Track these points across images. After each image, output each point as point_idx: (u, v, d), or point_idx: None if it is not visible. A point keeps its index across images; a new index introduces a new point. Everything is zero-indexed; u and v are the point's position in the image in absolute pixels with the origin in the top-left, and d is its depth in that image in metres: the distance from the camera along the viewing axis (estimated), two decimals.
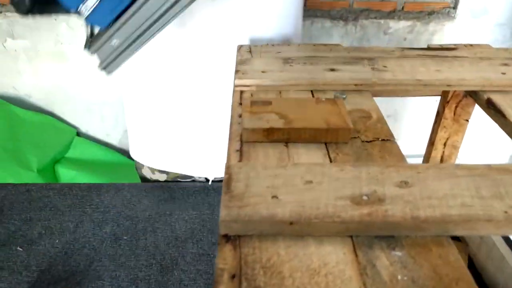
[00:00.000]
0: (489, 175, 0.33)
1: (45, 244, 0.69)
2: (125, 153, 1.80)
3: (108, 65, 0.54)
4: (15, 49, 1.55)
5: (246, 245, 0.29)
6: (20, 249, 0.68)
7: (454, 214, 0.30)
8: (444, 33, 1.49)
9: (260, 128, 0.40)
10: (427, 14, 1.49)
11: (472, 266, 0.65)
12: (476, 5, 1.44)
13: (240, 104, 0.47)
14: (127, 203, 0.77)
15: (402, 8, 1.50)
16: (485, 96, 0.49)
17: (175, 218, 0.74)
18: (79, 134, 1.76)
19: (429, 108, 1.49)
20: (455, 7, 1.47)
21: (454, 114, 0.66)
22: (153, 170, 0.84)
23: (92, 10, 0.50)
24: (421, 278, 0.27)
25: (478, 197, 0.31)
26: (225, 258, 0.28)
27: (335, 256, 0.28)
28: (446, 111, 0.66)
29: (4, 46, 1.54)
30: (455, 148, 0.70)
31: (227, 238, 0.29)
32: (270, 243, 0.29)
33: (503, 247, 0.60)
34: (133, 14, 0.50)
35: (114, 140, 1.79)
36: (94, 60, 0.70)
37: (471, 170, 0.34)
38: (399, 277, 0.27)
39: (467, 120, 0.67)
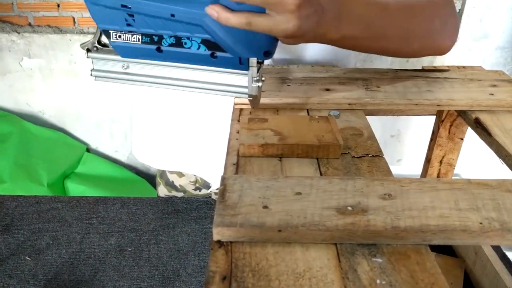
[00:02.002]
0: (468, 189, 0.36)
1: (52, 254, 0.71)
2: (133, 169, 1.83)
3: (102, 76, 0.51)
4: (31, 68, 1.61)
5: (237, 250, 0.31)
6: (28, 259, 0.71)
7: (432, 224, 0.32)
8: (446, 55, 1.52)
9: (256, 143, 0.42)
10: None
11: (468, 281, 0.66)
12: (477, 29, 1.48)
13: (238, 121, 0.50)
14: (132, 216, 0.80)
15: None
16: (473, 116, 0.51)
17: (178, 231, 0.76)
18: (88, 150, 1.80)
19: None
20: None
21: (449, 133, 0.68)
22: (170, 190, 0.86)
23: (123, 43, 0.46)
24: (399, 282, 0.29)
25: (456, 209, 0.33)
26: (217, 261, 0.30)
27: (319, 262, 0.30)
28: (441, 130, 0.68)
29: (21, 65, 1.61)
30: (451, 165, 0.72)
31: (219, 243, 0.32)
32: (260, 249, 0.31)
33: (497, 263, 0.61)
34: (165, 66, 0.47)
35: (122, 157, 1.83)
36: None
37: (452, 184, 0.36)
38: (378, 281, 0.29)
39: (462, 139, 0.69)
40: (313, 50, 0.67)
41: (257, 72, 0.44)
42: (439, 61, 1.53)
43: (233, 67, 0.44)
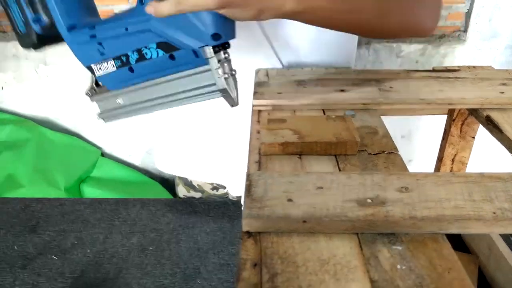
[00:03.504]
0: (481, 182, 0.38)
1: (77, 254, 0.74)
2: (147, 172, 1.87)
3: (108, 116, 0.55)
4: (47, 75, 1.65)
5: (265, 240, 0.34)
6: (55, 258, 0.74)
7: (447, 215, 0.34)
8: (455, 55, 1.54)
9: (276, 142, 0.45)
10: (438, 38, 1.54)
11: (483, 277, 0.67)
12: (486, 28, 1.49)
13: (258, 121, 0.52)
14: (152, 217, 0.83)
15: None
16: (484, 114, 0.53)
17: (197, 230, 0.79)
18: (103, 154, 1.84)
19: (442, 129, 1.51)
20: (465, 31, 1.52)
21: (461, 131, 0.70)
22: (188, 189, 0.89)
23: (104, 74, 0.50)
24: (418, 267, 0.31)
25: (470, 200, 0.35)
26: (247, 250, 0.33)
27: (342, 250, 0.32)
28: (453, 128, 0.70)
29: (37, 72, 1.66)
30: (463, 164, 0.73)
31: (249, 234, 0.34)
32: (286, 239, 0.34)
33: (511, 258, 0.63)
34: (143, 88, 0.50)
35: (136, 160, 1.86)
36: None
37: (466, 177, 0.38)
38: (399, 266, 0.31)
39: (473, 137, 0.70)
40: (326, 54, 0.70)
41: (220, 63, 0.43)
42: (449, 61, 1.54)
43: (194, 64, 0.45)
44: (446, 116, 0.71)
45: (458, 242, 0.73)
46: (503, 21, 1.48)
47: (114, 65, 0.49)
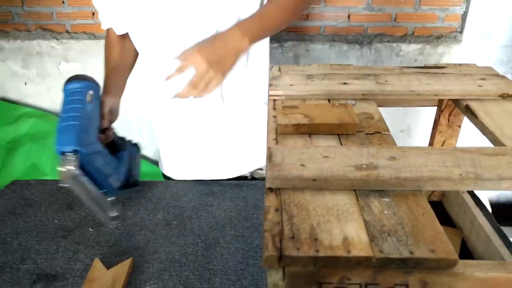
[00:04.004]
0: (454, 154, 0.47)
1: (110, 227, 0.85)
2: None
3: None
4: (68, 71, 1.76)
5: (284, 194, 0.44)
6: (91, 230, 0.84)
7: (425, 176, 0.44)
8: (452, 55, 1.63)
9: (290, 124, 0.55)
10: (436, 38, 1.64)
11: (466, 248, 0.77)
12: (481, 29, 1.58)
13: (274, 108, 0.62)
14: (174, 196, 0.93)
15: (413, 32, 1.65)
16: (464, 103, 0.63)
17: (215, 207, 0.89)
18: None
19: None
20: (461, 32, 1.61)
21: (448, 121, 0.80)
22: None
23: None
24: (400, 212, 0.41)
25: (443, 166, 0.45)
26: (270, 200, 0.43)
27: (343, 201, 0.43)
28: (441, 118, 0.80)
29: (58, 69, 1.76)
30: None
31: (271, 189, 0.44)
32: (300, 193, 0.44)
33: (489, 229, 0.72)
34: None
35: (149, 153, 1.96)
36: (133, 79, 0.93)
37: (442, 150, 0.48)
38: (385, 211, 0.41)
39: (459, 126, 0.80)
40: None
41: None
42: (446, 60, 1.64)
43: None
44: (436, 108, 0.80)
45: (446, 219, 0.83)
46: (497, 22, 1.58)
47: None
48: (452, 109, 0.78)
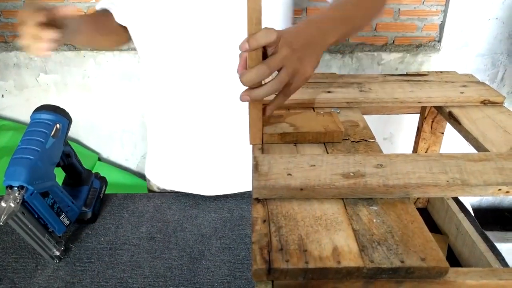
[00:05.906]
0: (440, 160, 0.47)
1: (92, 242, 0.82)
2: (142, 176, 1.94)
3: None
4: (47, 83, 1.72)
5: (271, 204, 0.43)
6: (72, 246, 0.81)
7: (412, 183, 0.43)
8: (431, 63, 1.66)
9: (275, 133, 0.54)
10: (415, 47, 1.67)
11: (452, 254, 0.77)
12: (458, 38, 1.62)
13: None
14: (158, 209, 0.91)
15: (393, 42, 1.68)
16: (447, 110, 0.64)
17: (200, 219, 0.87)
18: (100, 159, 1.90)
19: None
20: (439, 41, 1.65)
21: (431, 128, 0.80)
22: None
23: None
24: (389, 220, 0.40)
25: (430, 172, 0.45)
26: (258, 211, 0.42)
27: (331, 210, 0.42)
28: (425, 125, 0.80)
29: (37, 80, 1.72)
30: None
31: (258, 200, 0.43)
32: (287, 203, 0.43)
33: (474, 235, 0.73)
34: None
35: (132, 165, 1.93)
36: (115, 91, 0.87)
37: (428, 157, 0.48)
38: (374, 220, 0.40)
39: (442, 133, 0.81)
40: None
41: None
42: (425, 68, 1.67)
43: None
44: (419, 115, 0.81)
45: (431, 225, 0.84)
46: (473, 32, 1.62)
47: None
48: (435, 116, 0.79)
